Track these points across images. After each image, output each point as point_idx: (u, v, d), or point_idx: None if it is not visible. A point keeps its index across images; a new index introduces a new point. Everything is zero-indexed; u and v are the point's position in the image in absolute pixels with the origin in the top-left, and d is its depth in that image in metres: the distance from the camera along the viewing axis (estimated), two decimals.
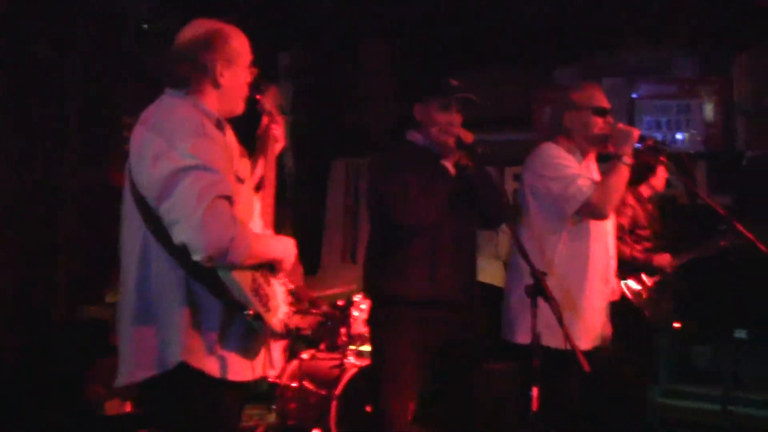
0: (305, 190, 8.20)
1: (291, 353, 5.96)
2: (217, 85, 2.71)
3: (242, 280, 2.55)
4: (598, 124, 3.86)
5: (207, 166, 2.48)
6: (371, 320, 3.93)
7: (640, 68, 7.23)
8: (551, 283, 3.11)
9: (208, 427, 2.67)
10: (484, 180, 3.80)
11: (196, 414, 2.64)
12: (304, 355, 5.67)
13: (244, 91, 2.82)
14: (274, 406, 5.69)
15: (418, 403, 3.72)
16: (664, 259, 5.05)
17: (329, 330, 5.71)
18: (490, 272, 6.85)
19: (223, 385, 2.63)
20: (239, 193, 2.65)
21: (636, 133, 3.74)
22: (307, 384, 5.37)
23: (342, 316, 5.59)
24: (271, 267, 2.74)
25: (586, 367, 2.85)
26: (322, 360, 5.53)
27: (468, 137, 3.65)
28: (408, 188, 3.57)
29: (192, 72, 2.69)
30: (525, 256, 3.18)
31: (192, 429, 2.66)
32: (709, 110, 6.98)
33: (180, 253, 2.49)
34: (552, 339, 3.28)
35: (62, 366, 4.53)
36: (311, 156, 8.19)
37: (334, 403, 5.06)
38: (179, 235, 2.45)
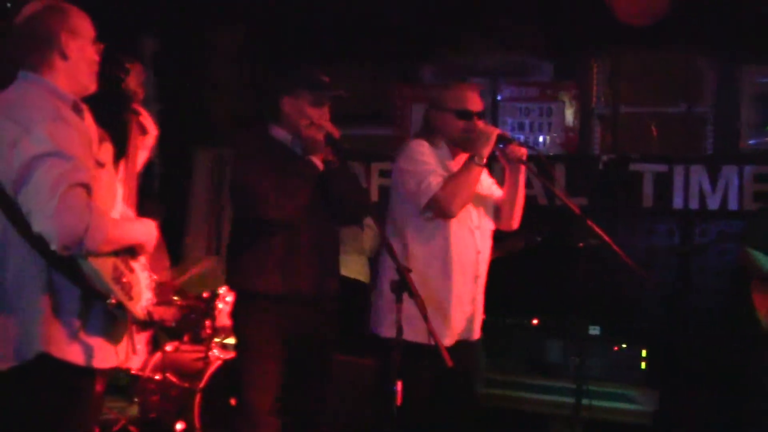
0: (170, 180, 8.07)
1: (154, 345, 5.89)
2: (64, 56, 2.68)
3: (103, 268, 2.55)
4: (459, 126, 3.90)
5: (63, 153, 2.47)
6: (233, 313, 3.93)
7: (503, 70, 7.40)
8: (415, 278, 3.17)
9: (66, 416, 2.63)
10: (349, 176, 3.84)
11: (54, 404, 2.61)
12: (168, 347, 5.62)
13: (94, 67, 2.79)
14: (136, 399, 5.62)
15: (277, 395, 3.75)
16: None
17: (193, 322, 5.67)
18: (354, 267, 6.91)
19: (88, 372, 2.63)
20: (99, 178, 2.64)
21: (494, 133, 3.79)
22: (170, 376, 5.33)
23: (207, 308, 5.55)
24: (132, 251, 2.74)
25: (449, 363, 2.92)
26: (186, 352, 5.50)
27: (335, 133, 3.69)
28: (268, 184, 3.58)
29: (38, 46, 2.66)
30: (390, 251, 3.22)
31: (49, 420, 2.62)
32: (568, 114, 7.22)
33: (39, 242, 2.47)
34: (415, 334, 3.37)
35: None
36: (176, 145, 8.05)
37: (197, 396, 5.03)
38: (35, 225, 2.44)
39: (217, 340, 5.44)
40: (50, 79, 2.67)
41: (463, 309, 3.92)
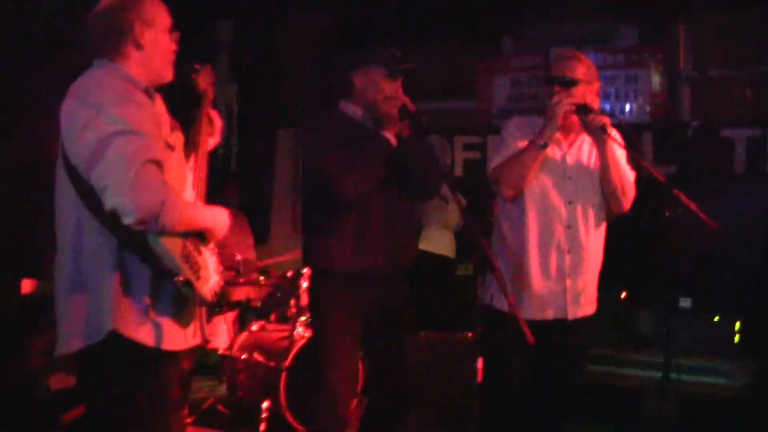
0: (252, 161, 8.15)
1: (241, 325, 5.97)
2: (138, 46, 2.72)
3: (172, 246, 2.57)
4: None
5: (135, 131, 2.49)
6: (309, 291, 3.93)
7: (586, 38, 7.23)
8: (501, 253, 3.08)
9: (141, 397, 2.66)
10: (424, 151, 3.75)
11: (130, 384, 2.65)
12: (254, 327, 5.68)
13: (169, 56, 2.82)
14: (224, 378, 5.70)
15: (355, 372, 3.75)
16: None
17: (279, 301, 5.72)
18: (439, 242, 6.87)
19: (157, 353, 2.65)
20: (169, 160, 2.66)
21: (561, 110, 3.66)
22: (256, 356, 5.37)
23: (291, 287, 5.59)
24: (202, 236, 2.76)
25: (530, 338, 2.85)
26: (272, 332, 5.54)
27: (411, 106, 3.62)
28: (342, 163, 3.54)
29: (112, 35, 2.70)
30: (469, 225, 3.19)
31: (125, 400, 2.65)
32: (655, 80, 7.02)
33: (111, 221, 2.50)
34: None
35: (3, 341, 4.47)
36: (257, 127, 8.13)
37: (283, 375, 5.06)
38: (110, 200, 2.45)
39: (302, 318, 5.45)
40: (124, 66, 2.71)
41: (550, 284, 3.81)
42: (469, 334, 5.26)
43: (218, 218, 2.83)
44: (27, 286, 4.83)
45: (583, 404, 5.47)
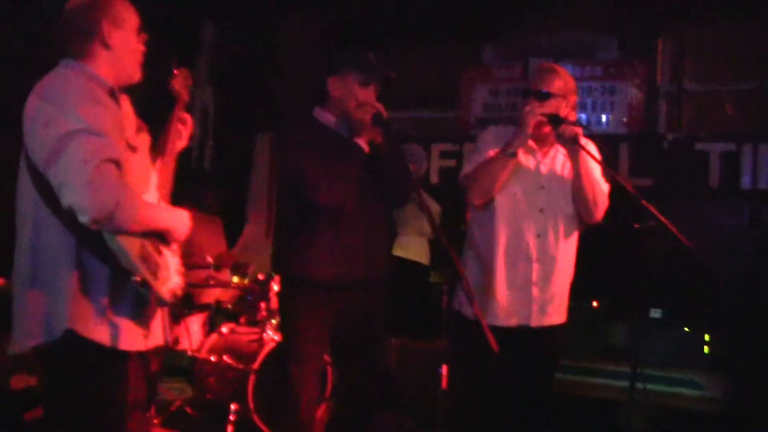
0: (228, 165, 8.11)
1: (211, 327, 5.93)
2: (106, 46, 2.73)
3: (130, 246, 2.56)
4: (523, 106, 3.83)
5: (94, 130, 2.50)
6: (280, 298, 3.89)
7: (565, 50, 7.25)
8: (474, 259, 3.08)
9: (98, 397, 2.65)
10: (396, 158, 3.72)
11: (87, 383, 2.64)
12: (224, 329, 5.64)
13: (137, 56, 2.84)
14: (193, 380, 5.66)
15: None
16: None
17: (249, 304, 5.69)
18: (414, 249, 6.86)
19: (114, 353, 2.63)
20: (130, 161, 2.67)
21: (530, 118, 3.71)
22: (225, 358, 5.34)
23: (262, 290, 5.56)
24: (162, 238, 2.76)
25: (494, 345, 2.85)
26: (242, 334, 5.50)
27: (384, 113, 3.60)
28: (316, 169, 3.51)
29: (80, 36, 2.72)
30: (436, 232, 3.22)
31: (81, 400, 2.64)
32: (632, 93, 7.05)
33: (69, 218, 2.50)
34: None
35: None
36: (235, 129, 8.10)
37: (251, 378, 5.03)
38: (66, 198, 2.46)
39: (273, 321, 5.42)
40: (90, 66, 2.72)
41: (516, 292, 3.83)
42: (439, 342, 5.26)
43: (179, 219, 2.82)
44: None
45: (557, 415, 5.51)
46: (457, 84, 7.65)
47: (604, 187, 3.86)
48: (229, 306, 5.94)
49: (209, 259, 5.65)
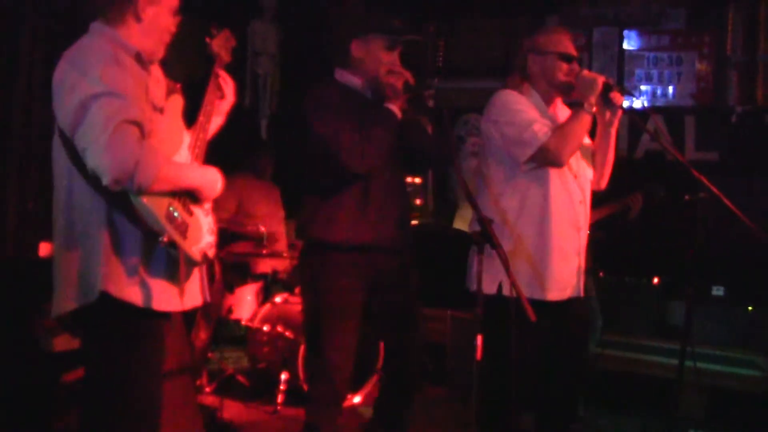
0: (287, 130, 8.10)
1: (265, 297, 5.96)
2: (138, 18, 2.73)
3: (156, 206, 2.55)
4: (563, 69, 3.73)
5: (115, 92, 2.51)
6: (305, 264, 3.74)
7: (630, 20, 7.07)
8: (505, 231, 3.01)
9: (133, 358, 2.66)
10: (422, 127, 3.66)
11: (122, 343, 2.65)
12: (278, 299, 5.66)
13: (166, 36, 2.83)
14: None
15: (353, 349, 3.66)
16: None
17: None
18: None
19: (147, 313, 2.64)
20: (156, 121, 2.66)
21: (600, 80, 3.61)
22: (278, 328, 5.37)
23: None
24: (193, 197, 2.74)
25: (532, 317, 2.79)
26: (294, 304, 5.51)
27: (413, 81, 3.53)
28: (351, 135, 3.44)
29: (115, 2, 2.71)
30: (472, 202, 3.11)
31: (116, 361, 2.66)
32: (701, 64, 6.85)
33: (97, 182, 2.51)
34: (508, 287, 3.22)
35: (11, 304, 4.50)
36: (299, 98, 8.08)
37: (301, 347, 5.04)
38: (89, 161, 2.49)
39: None
40: (119, 33, 2.72)
41: (568, 262, 3.72)
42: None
43: (208, 178, 2.80)
44: (45, 249, 4.87)
45: (610, 392, 5.42)
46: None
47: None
48: (285, 276, 5.96)
49: (262, 230, 5.65)
